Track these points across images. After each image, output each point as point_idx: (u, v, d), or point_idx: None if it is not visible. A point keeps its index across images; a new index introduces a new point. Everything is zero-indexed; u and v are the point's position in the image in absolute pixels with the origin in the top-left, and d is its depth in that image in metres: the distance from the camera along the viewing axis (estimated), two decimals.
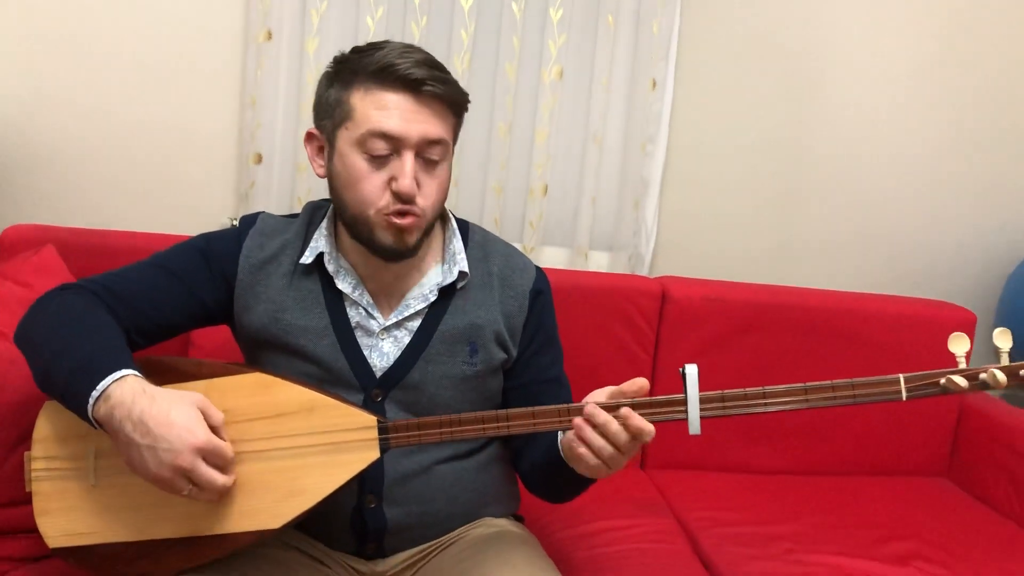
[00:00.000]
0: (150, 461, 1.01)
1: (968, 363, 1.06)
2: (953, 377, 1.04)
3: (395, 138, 1.12)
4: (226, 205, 2.05)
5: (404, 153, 1.13)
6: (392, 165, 1.14)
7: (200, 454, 1.01)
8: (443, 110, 1.16)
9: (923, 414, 2.06)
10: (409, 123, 1.12)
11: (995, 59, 2.28)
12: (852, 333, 2.00)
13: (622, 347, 1.92)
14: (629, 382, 1.05)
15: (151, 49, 1.96)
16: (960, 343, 1.06)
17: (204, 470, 1.01)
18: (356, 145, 1.14)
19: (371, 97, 1.13)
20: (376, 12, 1.97)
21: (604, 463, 1.03)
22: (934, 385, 1.05)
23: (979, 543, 1.74)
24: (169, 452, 1.00)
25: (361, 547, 1.23)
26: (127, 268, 1.22)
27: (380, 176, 1.14)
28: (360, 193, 1.14)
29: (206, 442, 1.01)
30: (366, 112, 1.13)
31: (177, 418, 1.01)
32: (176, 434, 1.00)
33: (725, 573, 1.54)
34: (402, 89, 1.12)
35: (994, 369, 1.03)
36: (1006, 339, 1.04)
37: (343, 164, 1.16)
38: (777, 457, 2.01)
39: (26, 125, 1.94)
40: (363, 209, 1.15)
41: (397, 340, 1.23)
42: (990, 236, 2.39)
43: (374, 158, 1.13)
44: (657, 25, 2.08)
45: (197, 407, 1.04)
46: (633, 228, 2.17)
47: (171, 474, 1.01)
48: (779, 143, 2.24)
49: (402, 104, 1.12)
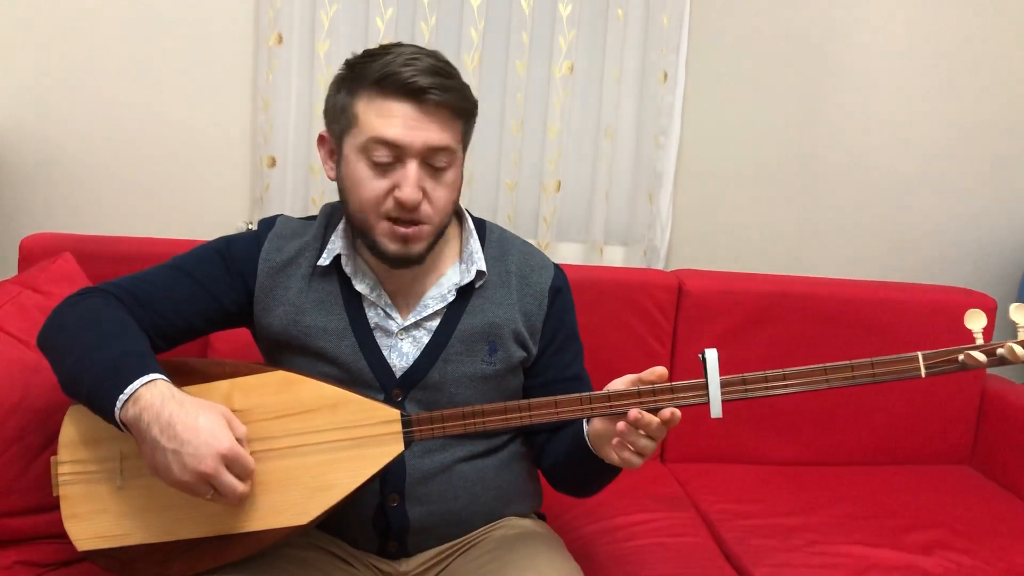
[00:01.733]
0: (174, 465, 1.01)
1: (986, 340, 1.06)
2: (972, 353, 1.04)
3: (398, 146, 1.12)
4: (241, 209, 2.06)
5: (408, 161, 1.13)
6: (396, 173, 1.14)
7: (224, 461, 1.02)
8: (448, 117, 1.15)
9: (945, 402, 2.05)
10: (412, 131, 1.12)
11: (1012, 45, 2.26)
12: (870, 322, 1.99)
13: (639, 341, 1.92)
14: (649, 370, 1.05)
15: (163, 55, 1.97)
16: (977, 319, 1.06)
17: (226, 477, 1.02)
18: (360, 152, 1.14)
19: (374, 105, 1.13)
20: (385, 13, 1.97)
21: (639, 454, 1.05)
22: (952, 361, 1.04)
23: (1004, 531, 1.73)
24: (194, 457, 1.00)
25: (384, 546, 1.24)
26: (147, 271, 1.23)
27: (383, 183, 1.14)
28: (363, 199, 1.15)
29: (230, 449, 1.02)
30: (369, 120, 1.13)
31: (204, 424, 1.02)
32: (203, 440, 1.01)
33: (748, 565, 1.54)
34: (405, 97, 1.12)
35: (1012, 343, 1.03)
36: (1022, 314, 1.04)
37: (348, 170, 1.16)
38: (798, 448, 2.01)
39: (41, 135, 1.95)
40: (366, 215, 1.16)
41: (416, 340, 1.23)
42: (1009, 221, 2.37)
43: (377, 165, 1.13)
44: (667, 17, 2.07)
45: (223, 416, 1.05)
46: (647, 222, 2.17)
47: (194, 479, 1.01)
48: (792, 132, 2.23)
49: (405, 112, 1.12)
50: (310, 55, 1.99)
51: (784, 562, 1.54)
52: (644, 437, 1.03)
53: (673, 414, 1.02)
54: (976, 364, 1.03)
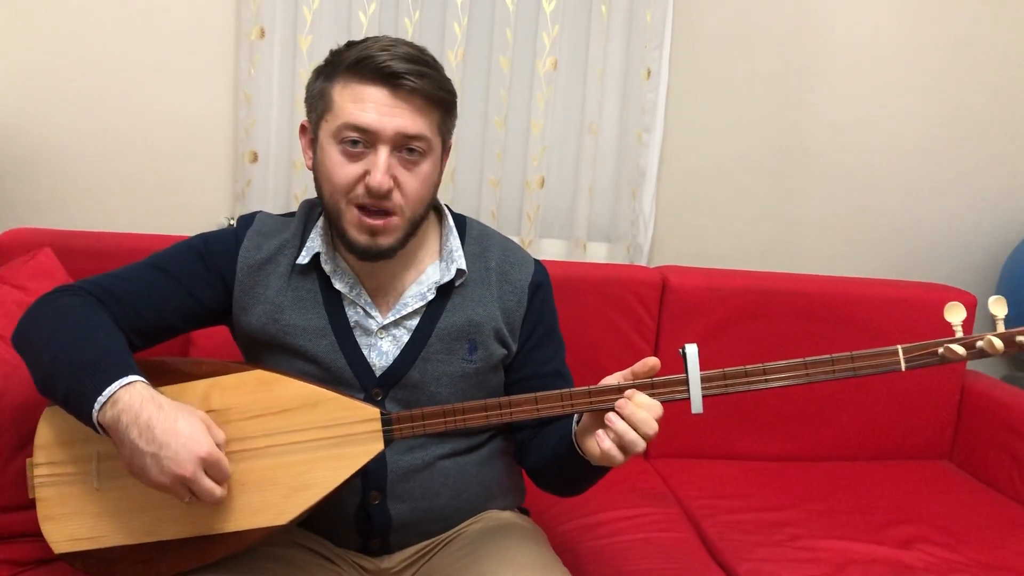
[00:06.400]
0: (152, 468, 1.01)
1: (965, 333, 1.06)
2: (951, 346, 1.04)
3: (369, 132, 1.11)
4: (223, 204, 2.04)
5: (379, 147, 1.12)
6: (367, 159, 1.13)
7: (202, 465, 1.01)
8: (424, 105, 1.14)
9: (925, 397, 2.06)
10: (384, 117, 1.11)
11: (991, 42, 2.28)
12: (852, 318, 2.00)
13: (623, 338, 1.92)
14: (641, 362, 1.05)
15: (144, 49, 1.95)
16: (956, 312, 1.06)
17: (204, 481, 1.02)
18: (333, 137, 1.14)
19: (349, 90, 1.13)
20: (368, 7, 1.96)
21: (626, 448, 1.03)
22: (932, 355, 1.05)
23: (983, 525, 1.74)
24: (173, 461, 1.00)
25: (366, 543, 1.23)
26: (124, 269, 1.22)
27: (354, 168, 1.13)
28: (333, 184, 1.14)
29: (209, 453, 1.01)
30: (343, 105, 1.12)
31: (183, 428, 1.01)
32: (181, 443, 1.00)
33: (730, 560, 1.55)
34: (379, 82, 1.11)
35: (991, 336, 1.04)
36: (1001, 307, 1.04)
37: (322, 155, 1.16)
38: (780, 444, 2.02)
39: (20, 129, 1.93)
40: (336, 200, 1.15)
41: (396, 339, 1.23)
42: (988, 218, 2.38)
43: (350, 151, 1.13)
44: (650, 14, 2.07)
45: (202, 421, 1.04)
46: (631, 218, 2.17)
47: (172, 482, 1.01)
48: (774, 130, 2.24)
49: (378, 97, 1.11)
50: (292, 49, 1.97)
51: (766, 557, 1.55)
52: (632, 430, 1.02)
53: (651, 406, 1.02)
54: (956, 357, 1.04)
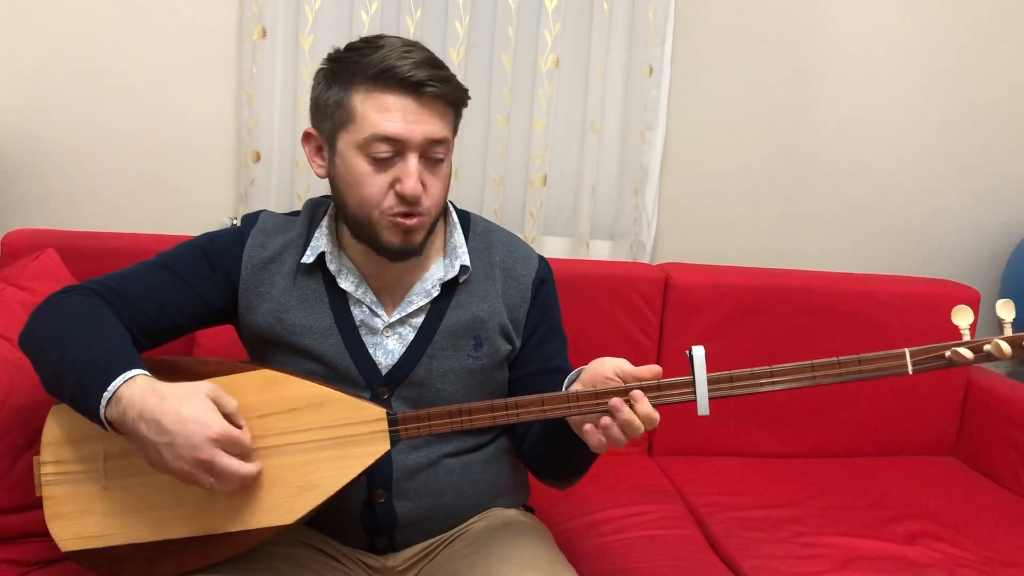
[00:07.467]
0: (169, 458, 1.01)
1: (972, 336, 1.06)
2: (958, 349, 1.04)
3: (399, 141, 1.11)
4: (226, 204, 2.05)
5: (408, 155, 1.12)
6: (396, 167, 1.13)
7: (218, 445, 1.01)
8: (444, 108, 1.15)
9: (929, 393, 2.06)
10: (412, 125, 1.11)
11: (995, 37, 2.27)
12: (856, 314, 2.00)
13: (626, 335, 1.92)
14: (645, 368, 1.04)
15: (147, 50, 1.95)
16: (963, 315, 1.05)
17: (225, 460, 1.01)
18: (358, 148, 1.13)
19: (372, 100, 1.12)
20: (370, 7, 1.96)
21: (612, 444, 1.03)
22: (939, 358, 1.04)
23: (988, 520, 1.74)
24: (187, 447, 1.00)
25: (372, 542, 1.24)
26: (130, 269, 1.22)
27: (384, 178, 1.13)
28: (363, 196, 1.14)
29: (221, 432, 1.01)
30: (368, 115, 1.12)
31: (189, 413, 1.01)
32: (191, 429, 1.00)
33: (735, 557, 1.55)
34: (404, 91, 1.11)
35: (999, 340, 1.03)
36: (1009, 310, 1.04)
37: (345, 167, 1.15)
38: (784, 441, 2.02)
39: (23, 130, 1.93)
40: (367, 211, 1.15)
41: (402, 337, 1.23)
42: (992, 214, 2.38)
43: (377, 161, 1.12)
44: (652, 11, 2.07)
45: (208, 397, 1.04)
46: (634, 216, 2.17)
47: (192, 468, 1.01)
48: (778, 126, 2.24)
49: (404, 106, 1.11)
50: (294, 49, 1.98)
51: (771, 554, 1.55)
52: (621, 432, 1.01)
53: (648, 416, 1.01)
54: (963, 361, 1.03)
